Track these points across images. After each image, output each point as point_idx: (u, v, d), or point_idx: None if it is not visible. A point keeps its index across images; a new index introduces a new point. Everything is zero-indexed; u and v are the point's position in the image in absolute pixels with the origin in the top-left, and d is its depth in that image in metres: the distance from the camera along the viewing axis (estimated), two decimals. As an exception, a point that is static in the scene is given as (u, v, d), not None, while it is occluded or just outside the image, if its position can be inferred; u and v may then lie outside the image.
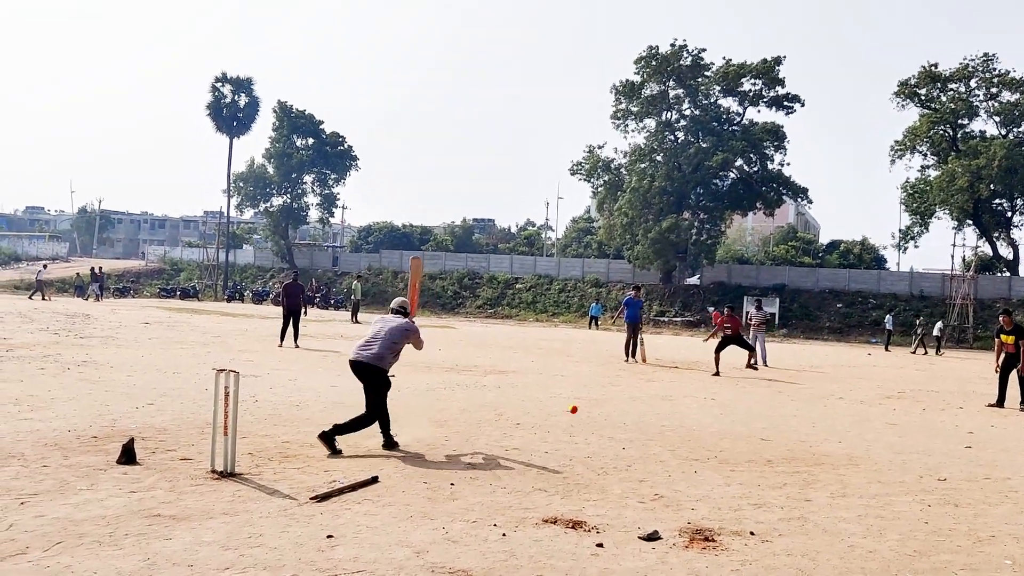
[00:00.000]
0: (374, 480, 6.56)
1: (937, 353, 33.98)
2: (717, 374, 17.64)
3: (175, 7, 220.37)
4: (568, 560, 4.89)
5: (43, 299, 39.71)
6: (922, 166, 51.79)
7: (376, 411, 8.03)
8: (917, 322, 35.50)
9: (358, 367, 8.13)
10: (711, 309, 47.48)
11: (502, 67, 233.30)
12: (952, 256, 49.97)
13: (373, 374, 8.07)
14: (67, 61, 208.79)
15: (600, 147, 53.58)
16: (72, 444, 7.37)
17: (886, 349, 34.87)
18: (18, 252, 75.67)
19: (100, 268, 47.91)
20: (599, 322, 45.36)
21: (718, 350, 18.50)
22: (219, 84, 61.77)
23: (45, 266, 47.41)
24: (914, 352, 33.59)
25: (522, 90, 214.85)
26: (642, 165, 50.28)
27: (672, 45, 49.75)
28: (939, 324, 36.27)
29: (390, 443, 8.03)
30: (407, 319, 8.56)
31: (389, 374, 8.27)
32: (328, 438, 7.62)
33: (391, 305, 8.76)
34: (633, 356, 20.60)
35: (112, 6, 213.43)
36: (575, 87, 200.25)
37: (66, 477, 6.23)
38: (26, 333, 18.59)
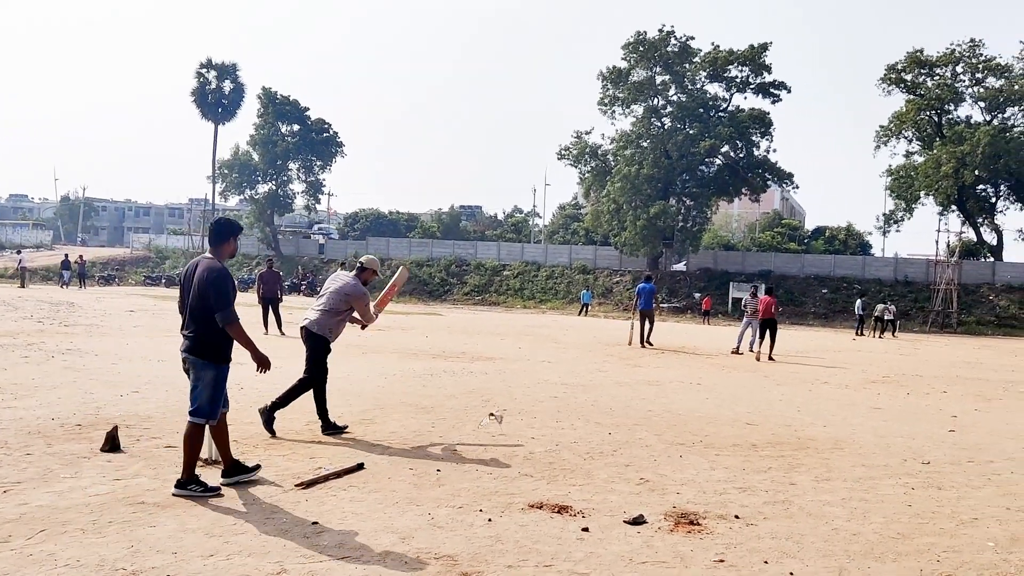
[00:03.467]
0: (360, 467, 6.55)
1: (880, 336, 34.36)
2: (748, 355, 19.84)
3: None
4: (554, 544, 4.90)
5: (22, 287, 39.53)
6: (907, 152, 51.99)
7: (310, 376, 7.88)
8: (879, 307, 36.04)
9: (302, 332, 8.05)
10: (697, 296, 47.76)
11: (489, 53, 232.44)
12: (936, 242, 50.44)
13: (310, 339, 7.95)
14: (50, 48, 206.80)
15: (587, 133, 53.52)
16: (56, 432, 7.33)
17: (859, 334, 34.96)
18: (1, 240, 75.11)
19: (81, 256, 47.67)
20: (589, 308, 45.56)
21: (759, 336, 20.11)
22: (204, 70, 61.33)
23: (19, 251, 46.99)
24: (866, 335, 34.17)
25: (509, 76, 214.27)
26: (629, 151, 50.23)
27: (660, 31, 49.66)
28: (883, 306, 36.64)
29: (328, 426, 7.89)
30: (356, 280, 8.12)
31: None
32: (267, 417, 7.68)
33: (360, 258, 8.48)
34: (647, 342, 20.92)
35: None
36: (562, 73, 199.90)
37: (50, 465, 6.19)
38: (10, 321, 18.46)
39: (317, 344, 7.96)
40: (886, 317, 35.60)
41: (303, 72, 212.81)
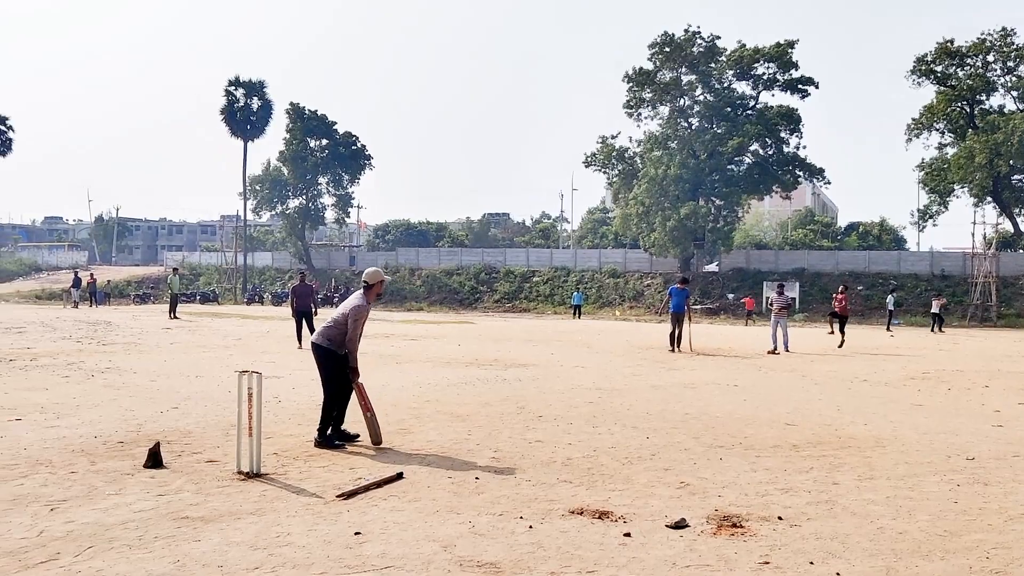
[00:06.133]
0: (399, 476, 6.57)
1: (940, 331, 33.81)
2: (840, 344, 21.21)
3: (188, 12, 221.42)
4: (596, 550, 4.88)
5: (75, 307, 40.35)
6: (939, 144, 51.26)
7: (329, 395, 7.81)
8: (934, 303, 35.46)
9: (315, 349, 8.01)
10: (731, 296, 47.42)
11: (513, 61, 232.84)
12: (972, 234, 49.52)
13: (319, 355, 7.90)
14: (80, 70, 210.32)
15: (614, 137, 53.45)
16: (99, 450, 7.43)
17: (887, 330, 34.51)
18: (38, 262, 76.49)
19: (92, 275, 48.72)
20: (582, 311, 45.50)
21: (835, 329, 21.62)
22: (232, 88, 62.01)
23: (76, 272, 48.37)
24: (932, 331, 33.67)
25: (533, 83, 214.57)
26: (657, 153, 50.06)
27: (685, 31, 49.54)
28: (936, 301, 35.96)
29: (325, 438, 7.75)
30: (360, 297, 8.03)
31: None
32: (324, 441, 7.67)
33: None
34: (678, 346, 20.28)
35: (124, 14, 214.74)
36: (586, 78, 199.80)
37: (94, 482, 6.28)
38: (49, 342, 18.77)
39: (324, 356, 7.86)
40: (935, 311, 34.99)
41: (330, 86, 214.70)
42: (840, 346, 21.34)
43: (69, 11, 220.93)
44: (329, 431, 7.81)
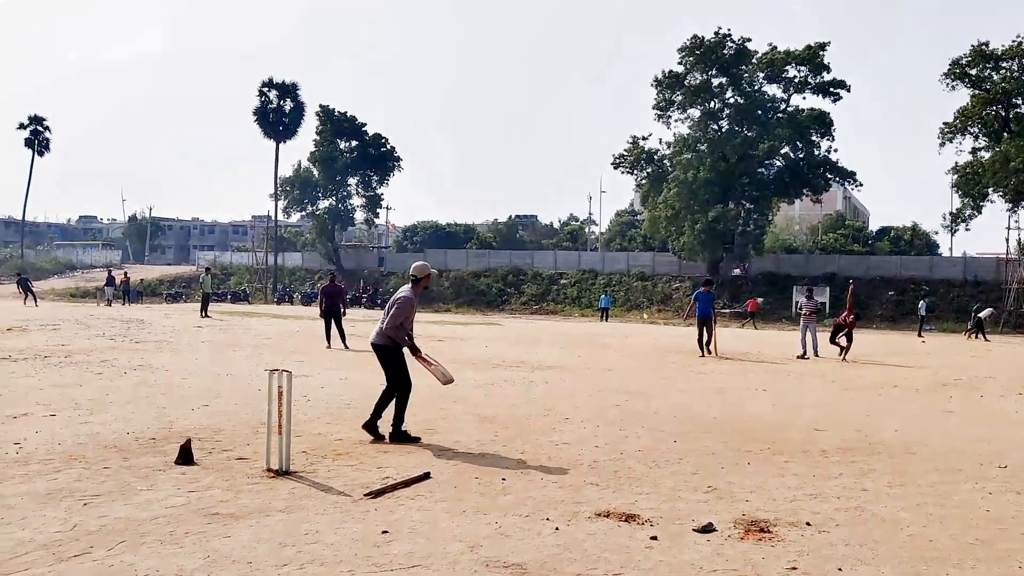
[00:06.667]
0: (426, 476, 6.60)
1: (981, 338, 33.22)
2: (844, 354, 19.31)
3: (220, 12, 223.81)
4: (622, 553, 4.88)
5: (108, 305, 40.97)
6: (973, 148, 50.51)
7: (393, 386, 8.18)
8: (975, 307, 34.92)
9: (373, 348, 8.38)
10: (760, 300, 47.06)
11: (542, 62, 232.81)
12: (1007, 239, 48.79)
13: (379, 352, 8.26)
14: (113, 76, 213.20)
15: (645, 138, 53.18)
16: (131, 446, 7.53)
17: (919, 336, 34.09)
18: (72, 261, 77.65)
19: (125, 274, 49.50)
20: (609, 313, 45.40)
21: (832, 339, 19.51)
22: (265, 89, 62.62)
23: (110, 271, 49.23)
24: (968, 337, 33.07)
25: (563, 85, 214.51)
26: (686, 156, 49.84)
27: (716, 34, 49.26)
28: (988, 310, 35.31)
29: (372, 427, 8.12)
30: (408, 290, 8.45)
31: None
32: (370, 427, 8.04)
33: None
34: (708, 349, 19.91)
35: (158, 16, 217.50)
36: (615, 80, 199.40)
37: (126, 478, 6.37)
38: (83, 339, 19.03)
39: (381, 354, 8.25)
40: (982, 315, 34.46)
41: (359, 87, 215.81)
42: (843, 355, 19.44)
43: (102, 12, 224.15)
44: (400, 428, 8.15)
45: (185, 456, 6.88)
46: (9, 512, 5.39)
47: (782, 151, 48.99)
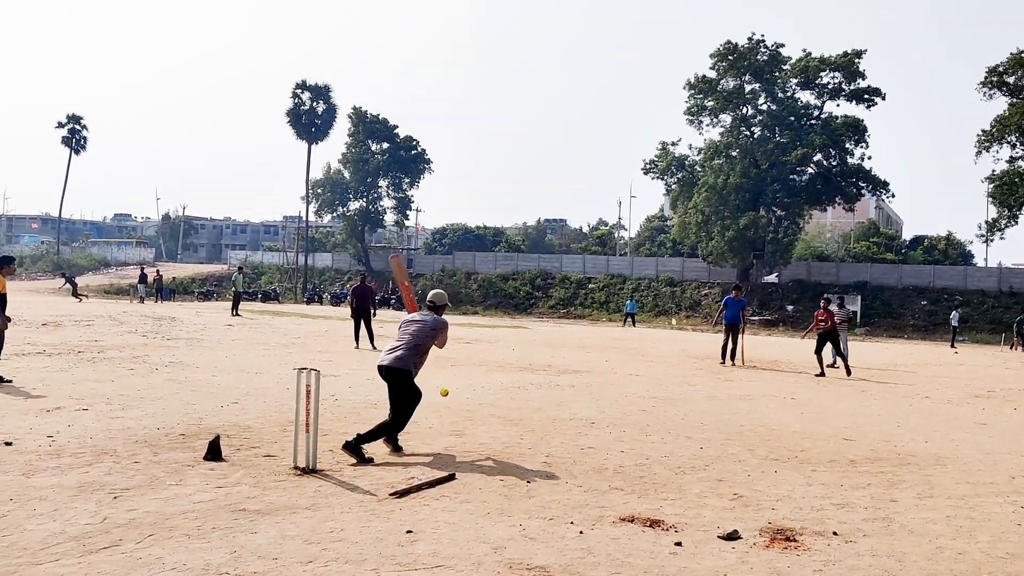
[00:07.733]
0: (451, 477, 6.63)
1: (951, 346, 33.03)
2: (822, 374, 17.37)
3: (256, 15, 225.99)
4: (646, 558, 4.86)
5: (141, 302, 41.58)
6: (1011, 157, 49.75)
7: (400, 418, 7.59)
8: (1018, 319, 34.62)
9: (383, 371, 7.68)
10: (791, 308, 46.67)
11: (573, 66, 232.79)
12: (1044, 251, 47.99)
13: (396, 377, 7.60)
14: (151, 72, 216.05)
15: (674, 144, 52.94)
16: (161, 441, 7.62)
17: (952, 347, 33.67)
18: (107, 258, 78.79)
19: (158, 272, 50.16)
20: (635, 319, 45.10)
21: (818, 350, 18.03)
22: (299, 91, 63.17)
23: (143, 269, 50.02)
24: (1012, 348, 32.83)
25: (593, 89, 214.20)
26: (717, 161, 49.58)
27: (749, 39, 48.96)
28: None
29: (356, 444, 7.22)
30: (435, 315, 8.03)
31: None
32: (353, 448, 7.15)
33: (427, 297, 8.35)
34: (731, 359, 19.21)
35: (194, 16, 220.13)
36: (646, 84, 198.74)
37: (156, 473, 6.45)
38: (116, 336, 19.28)
39: (398, 379, 7.60)
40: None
41: (391, 90, 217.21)
42: (845, 369, 18.00)
43: (138, 13, 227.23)
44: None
45: (214, 452, 6.96)
46: (41, 504, 5.49)
47: (815, 158, 48.56)
